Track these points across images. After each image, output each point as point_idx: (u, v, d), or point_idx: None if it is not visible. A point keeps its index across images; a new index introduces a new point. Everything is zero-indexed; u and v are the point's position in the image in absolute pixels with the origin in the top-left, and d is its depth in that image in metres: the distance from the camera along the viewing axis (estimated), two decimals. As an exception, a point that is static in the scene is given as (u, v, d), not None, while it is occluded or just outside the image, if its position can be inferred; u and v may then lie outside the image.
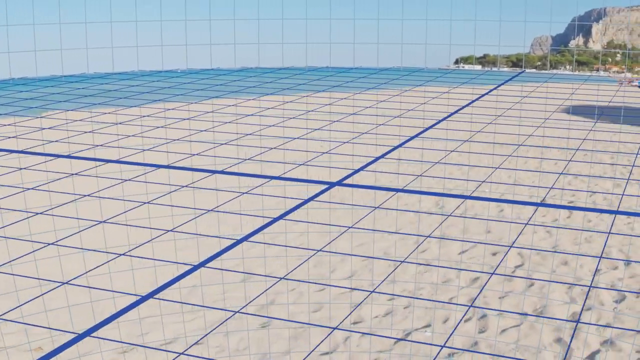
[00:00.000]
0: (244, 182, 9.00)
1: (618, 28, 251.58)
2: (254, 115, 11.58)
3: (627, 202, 11.64)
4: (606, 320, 7.15)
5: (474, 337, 6.68)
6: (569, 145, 14.02)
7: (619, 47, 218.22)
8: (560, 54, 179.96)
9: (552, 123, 13.62)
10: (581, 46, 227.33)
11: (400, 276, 8.30)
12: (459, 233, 10.29)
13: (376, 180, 10.30)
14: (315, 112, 11.71)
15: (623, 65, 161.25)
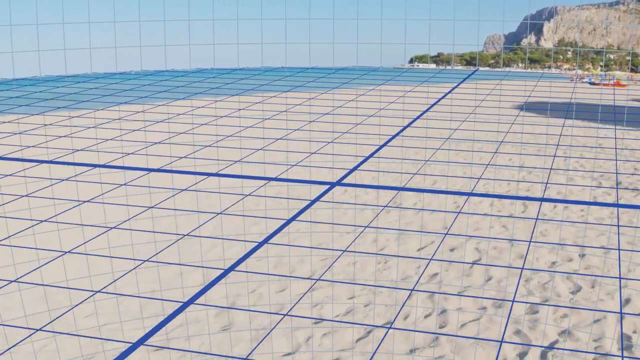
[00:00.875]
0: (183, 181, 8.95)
1: (569, 26, 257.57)
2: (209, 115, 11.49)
3: (574, 193, 11.94)
4: (563, 311, 7.32)
5: (434, 333, 6.75)
6: (523, 141, 14.33)
7: (570, 45, 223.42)
8: (513, 52, 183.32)
9: (507, 119, 13.89)
10: (533, 44, 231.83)
11: (359, 274, 8.34)
12: (417, 229, 10.41)
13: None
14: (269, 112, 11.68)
15: (574, 63, 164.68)
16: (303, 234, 9.90)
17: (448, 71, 50.22)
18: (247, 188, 9.70)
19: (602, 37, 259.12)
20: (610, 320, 7.05)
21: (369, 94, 13.77)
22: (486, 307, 7.39)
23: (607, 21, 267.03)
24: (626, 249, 9.46)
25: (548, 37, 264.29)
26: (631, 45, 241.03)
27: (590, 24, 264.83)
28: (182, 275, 8.26)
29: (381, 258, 8.95)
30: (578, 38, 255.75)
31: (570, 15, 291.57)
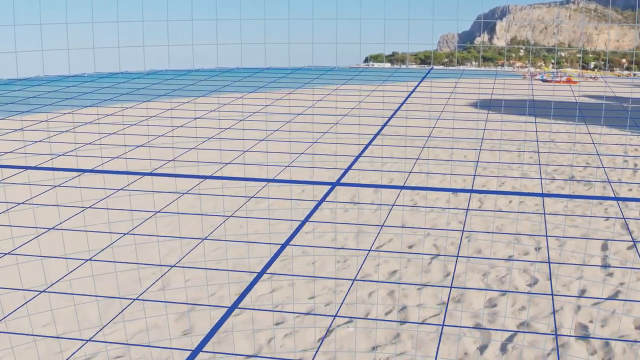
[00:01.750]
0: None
1: (521, 25, 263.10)
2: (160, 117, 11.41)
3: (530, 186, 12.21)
4: (521, 303, 7.47)
5: (396, 329, 6.82)
6: (478, 137, 14.57)
7: (522, 43, 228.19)
8: (466, 50, 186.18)
9: (463, 116, 14.11)
10: (486, 43, 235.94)
11: (319, 273, 8.37)
12: (375, 228, 10.49)
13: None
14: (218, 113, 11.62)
15: (526, 61, 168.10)
16: (261, 235, 9.90)
17: (404, 70, 50.72)
18: (183, 187, 9.68)
19: (553, 35, 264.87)
20: (567, 311, 7.24)
21: (334, 94, 13.84)
22: (446, 301, 7.50)
23: (558, 19, 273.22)
24: (575, 237, 9.72)
25: (501, 35, 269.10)
26: (582, 43, 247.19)
27: (541, 23, 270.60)
28: (129, 278, 8.15)
29: (340, 257, 8.99)
30: (530, 36, 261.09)
31: (522, 14, 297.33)
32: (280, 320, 7.11)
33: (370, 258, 8.97)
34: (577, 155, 16.56)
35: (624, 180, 14.81)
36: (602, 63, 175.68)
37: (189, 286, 7.93)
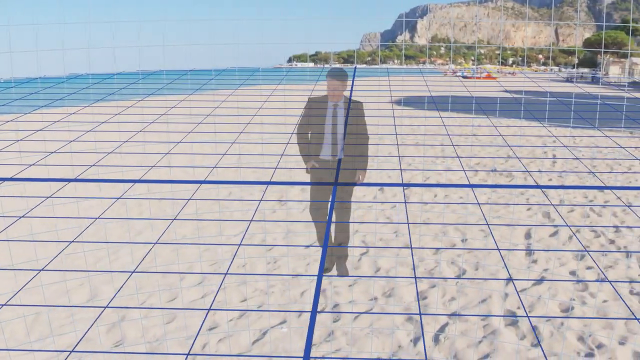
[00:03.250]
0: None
1: (441, 23, 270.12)
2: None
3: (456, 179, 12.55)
4: (451, 294, 7.70)
5: (329, 327, 6.89)
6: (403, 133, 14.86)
7: (443, 41, 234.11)
8: (388, 49, 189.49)
9: (386, 113, 14.35)
10: (408, 41, 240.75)
11: (249, 276, 8.36)
12: (303, 227, 10.56)
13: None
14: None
15: (447, 58, 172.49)
16: (190, 239, 9.80)
17: (326, 69, 51.03)
18: (107, 193, 9.48)
19: (472, 33, 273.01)
20: (496, 300, 7.50)
21: (261, 94, 13.78)
22: (377, 297, 7.64)
23: (477, 18, 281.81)
24: (497, 223, 10.06)
25: (422, 34, 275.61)
26: (500, 40, 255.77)
27: (461, 21, 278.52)
28: (57, 290, 7.92)
29: (270, 258, 9.01)
30: (450, 34, 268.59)
31: (442, 13, 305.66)
32: (214, 325, 7.06)
33: (301, 257, 9.03)
34: (499, 148, 17.16)
35: (543, 170, 15.46)
36: (520, 59, 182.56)
37: (118, 295, 7.76)
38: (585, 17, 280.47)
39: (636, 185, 13.66)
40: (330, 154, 5.24)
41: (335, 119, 5.22)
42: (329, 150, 5.25)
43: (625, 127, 19.96)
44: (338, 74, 5.14)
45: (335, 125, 5.23)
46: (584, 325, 6.91)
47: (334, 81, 5.11)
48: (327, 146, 5.24)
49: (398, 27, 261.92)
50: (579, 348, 6.43)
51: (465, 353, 6.31)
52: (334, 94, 5.15)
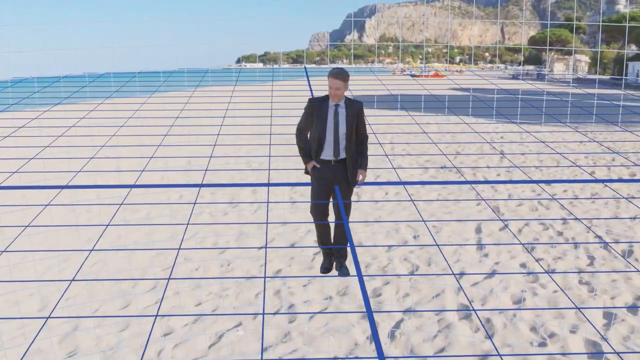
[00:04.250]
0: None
1: (389, 22, 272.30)
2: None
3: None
4: (405, 290, 7.80)
5: (285, 328, 6.91)
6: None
7: (391, 40, 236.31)
8: (337, 48, 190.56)
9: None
10: (356, 40, 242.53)
11: (203, 280, 8.30)
12: (256, 229, 10.55)
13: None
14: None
15: (395, 57, 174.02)
16: (140, 244, 9.67)
17: (278, 70, 51.09)
18: (34, 200, 9.28)
19: (420, 32, 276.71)
20: (449, 294, 7.64)
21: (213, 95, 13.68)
22: (332, 296, 7.69)
23: (424, 17, 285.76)
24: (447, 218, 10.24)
25: (370, 33, 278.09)
26: (447, 39, 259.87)
27: (409, 20, 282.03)
28: (6, 301, 7.72)
29: (224, 260, 8.97)
30: (398, 33, 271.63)
31: (390, 12, 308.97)
32: (169, 331, 7.00)
33: (254, 259, 9.02)
34: (448, 145, 17.45)
35: (492, 166, 15.80)
36: (467, 57, 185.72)
37: (70, 305, 7.62)
38: (530, 16, 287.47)
39: (582, 178, 14.09)
40: (332, 155, 5.28)
41: (336, 119, 5.26)
42: (330, 151, 5.28)
43: (571, 121, 20.52)
44: (340, 73, 5.18)
45: (337, 126, 5.26)
46: (535, 315, 7.11)
47: (337, 81, 5.14)
48: (329, 147, 5.27)
49: (346, 27, 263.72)
50: (531, 338, 6.60)
51: (421, 348, 6.41)
52: (336, 94, 5.19)
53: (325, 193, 5.42)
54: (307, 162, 5.38)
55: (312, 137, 5.33)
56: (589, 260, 8.90)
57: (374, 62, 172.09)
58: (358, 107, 5.30)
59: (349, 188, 5.43)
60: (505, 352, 6.25)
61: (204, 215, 11.39)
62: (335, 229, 5.66)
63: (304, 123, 5.38)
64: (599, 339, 6.53)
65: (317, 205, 5.46)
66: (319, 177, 5.33)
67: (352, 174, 5.30)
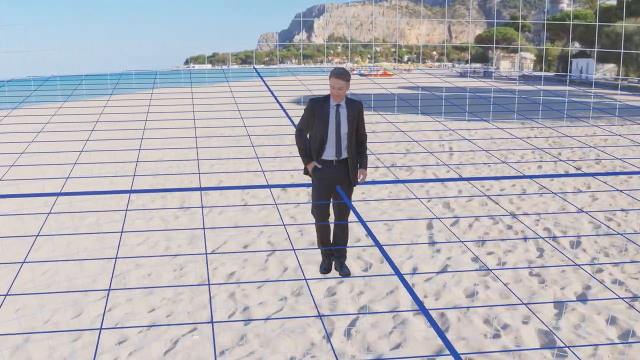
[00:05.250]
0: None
1: (337, 22, 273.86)
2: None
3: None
4: (359, 288, 7.89)
5: (240, 331, 6.90)
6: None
7: (340, 40, 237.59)
8: (286, 48, 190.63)
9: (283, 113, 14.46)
10: (305, 40, 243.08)
11: (156, 284, 8.23)
12: (208, 232, 10.51)
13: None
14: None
15: (344, 56, 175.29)
16: (90, 252, 9.52)
17: (226, 70, 50.83)
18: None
19: (368, 32, 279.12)
20: (402, 290, 7.75)
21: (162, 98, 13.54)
22: (287, 297, 7.72)
23: (372, 16, 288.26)
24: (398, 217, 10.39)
25: (319, 33, 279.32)
26: (395, 38, 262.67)
27: (357, 20, 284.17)
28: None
29: (176, 265, 8.91)
30: (347, 33, 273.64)
31: (338, 12, 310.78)
32: (123, 339, 6.91)
33: (207, 262, 8.98)
34: (398, 143, 17.66)
35: (441, 163, 16.06)
36: (415, 56, 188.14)
37: (20, 316, 7.45)
38: (477, 15, 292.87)
39: (529, 174, 14.45)
40: (334, 155, 5.30)
41: (338, 119, 5.28)
42: (332, 151, 5.30)
43: (518, 118, 21.02)
44: (343, 73, 5.20)
45: (338, 126, 5.27)
46: (488, 308, 7.28)
47: (340, 81, 5.15)
48: (331, 147, 5.29)
49: (295, 27, 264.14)
50: (485, 330, 6.76)
51: (377, 345, 6.50)
52: (338, 94, 5.20)
53: (326, 193, 5.44)
54: (307, 163, 5.39)
55: (313, 138, 5.35)
56: (538, 253, 9.15)
57: (323, 61, 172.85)
58: (358, 107, 5.36)
59: (350, 188, 5.48)
60: (460, 346, 6.39)
61: (155, 219, 11.28)
62: (336, 229, 5.69)
63: (304, 123, 5.39)
64: (551, 328, 6.73)
65: (319, 206, 5.48)
66: (321, 178, 5.36)
67: (354, 173, 5.35)
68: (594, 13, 78.04)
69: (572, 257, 8.96)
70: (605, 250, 9.21)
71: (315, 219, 5.56)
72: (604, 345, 6.37)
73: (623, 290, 7.76)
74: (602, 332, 6.67)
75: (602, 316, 7.03)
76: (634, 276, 8.22)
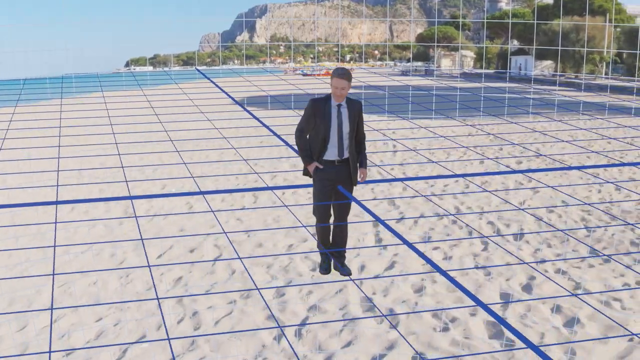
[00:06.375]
0: None
1: (280, 22, 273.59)
2: None
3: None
4: (308, 288, 7.94)
5: (190, 337, 6.85)
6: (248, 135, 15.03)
7: (282, 40, 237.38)
8: (228, 49, 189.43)
9: (229, 115, 14.42)
10: (247, 41, 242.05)
11: (101, 293, 8.10)
12: (154, 235, 10.40)
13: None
14: None
15: (287, 57, 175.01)
16: (33, 262, 9.29)
17: (169, 72, 50.27)
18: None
19: (311, 31, 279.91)
20: (351, 288, 7.83)
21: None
22: (235, 300, 7.70)
23: (315, 16, 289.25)
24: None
25: (261, 33, 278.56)
26: (338, 38, 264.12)
27: (299, 19, 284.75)
28: None
29: (123, 272, 8.78)
30: (289, 33, 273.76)
31: (280, 12, 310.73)
32: (71, 350, 6.77)
33: (153, 268, 8.88)
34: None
35: (386, 162, 16.28)
36: (357, 55, 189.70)
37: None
38: (418, 14, 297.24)
39: (472, 170, 14.79)
40: (337, 155, 5.29)
41: (340, 119, 5.27)
42: (335, 151, 5.29)
43: (460, 115, 21.46)
44: (345, 73, 5.21)
45: (340, 126, 5.27)
46: (436, 302, 7.43)
47: (342, 81, 5.15)
48: (333, 147, 5.28)
49: (237, 27, 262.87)
50: (434, 324, 6.90)
51: (328, 343, 6.55)
52: (341, 94, 5.20)
53: (329, 194, 5.45)
54: (308, 164, 5.38)
55: (315, 138, 5.35)
56: (483, 246, 9.38)
57: (266, 62, 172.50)
58: (358, 106, 5.40)
59: (351, 187, 5.50)
60: (411, 340, 6.50)
61: (99, 226, 11.08)
62: (335, 229, 5.70)
63: (305, 124, 5.39)
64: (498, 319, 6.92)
65: (322, 207, 5.48)
66: (323, 178, 5.37)
67: (355, 173, 5.40)
68: (531, 12, 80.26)
69: (515, 250, 9.23)
70: (548, 242, 9.51)
71: (317, 219, 5.58)
72: (551, 332, 6.59)
73: (566, 280, 8.03)
74: (547, 320, 6.90)
75: (547, 305, 7.27)
76: (575, 265, 8.52)
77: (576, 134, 19.91)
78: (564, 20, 58.20)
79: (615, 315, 6.94)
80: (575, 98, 28.22)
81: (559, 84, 47.37)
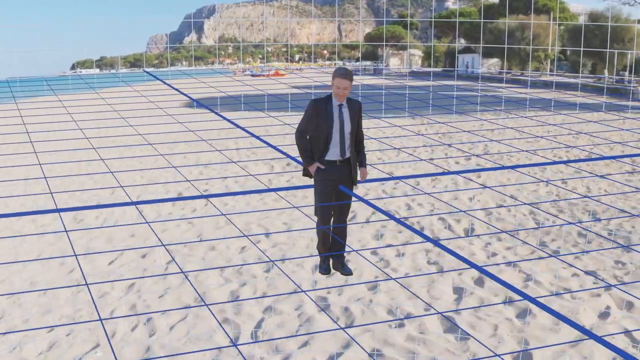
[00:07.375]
0: None
1: (228, 23, 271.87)
2: None
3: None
4: (262, 290, 7.95)
5: (145, 343, 6.79)
6: (196, 138, 14.94)
7: (230, 41, 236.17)
8: (176, 50, 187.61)
9: (177, 118, 14.31)
10: (195, 42, 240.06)
11: (54, 302, 7.95)
12: (104, 243, 10.26)
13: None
14: None
15: (235, 57, 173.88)
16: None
17: (116, 75, 49.54)
18: None
19: (259, 32, 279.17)
20: (305, 287, 7.87)
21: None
22: (190, 304, 7.66)
23: (263, 17, 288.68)
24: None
25: (209, 34, 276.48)
26: (286, 38, 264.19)
27: (248, 20, 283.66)
28: None
29: (73, 280, 8.63)
30: (238, 34, 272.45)
31: (228, 12, 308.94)
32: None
33: (105, 276, 8.77)
34: (293, 144, 17.80)
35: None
36: (306, 55, 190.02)
37: None
38: (366, 14, 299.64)
39: (427, 172, 15.01)
40: (339, 155, 5.27)
41: (342, 119, 5.25)
42: (337, 151, 5.27)
43: (409, 113, 21.71)
44: (347, 73, 5.19)
45: (342, 126, 5.25)
46: (391, 298, 7.52)
47: (345, 81, 5.14)
48: (335, 147, 5.26)
49: (185, 28, 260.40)
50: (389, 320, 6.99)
51: (285, 344, 6.58)
52: (343, 94, 5.18)
53: (331, 194, 5.44)
54: (310, 164, 5.36)
55: (316, 139, 5.34)
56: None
57: (214, 63, 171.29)
58: (358, 106, 5.43)
59: (351, 187, 5.50)
60: (366, 337, 6.57)
61: (48, 237, 10.86)
62: (337, 229, 5.69)
63: (306, 125, 5.37)
64: (452, 314, 7.06)
65: (324, 207, 5.46)
66: (324, 178, 5.36)
67: (356, 172, 5.41)
68: (478, 11, 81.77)
69: (468, 244, 9.42)
70: (498, 236, 9.73)
71: (320, 220, 5.58)
72: (503, 324, 6.75)
73: (517, 272, 8.24)
74: (500, 312, 7.07)
75: (499, 298, 7.44)
76: (526, 257, 8.75)
77: (524, 130, 20.39)
78: (509, 18, 59.59)
79: (566, 305, 7.17)
80: (522, 95, 28.84)
81: (505, 81, 48.38)
